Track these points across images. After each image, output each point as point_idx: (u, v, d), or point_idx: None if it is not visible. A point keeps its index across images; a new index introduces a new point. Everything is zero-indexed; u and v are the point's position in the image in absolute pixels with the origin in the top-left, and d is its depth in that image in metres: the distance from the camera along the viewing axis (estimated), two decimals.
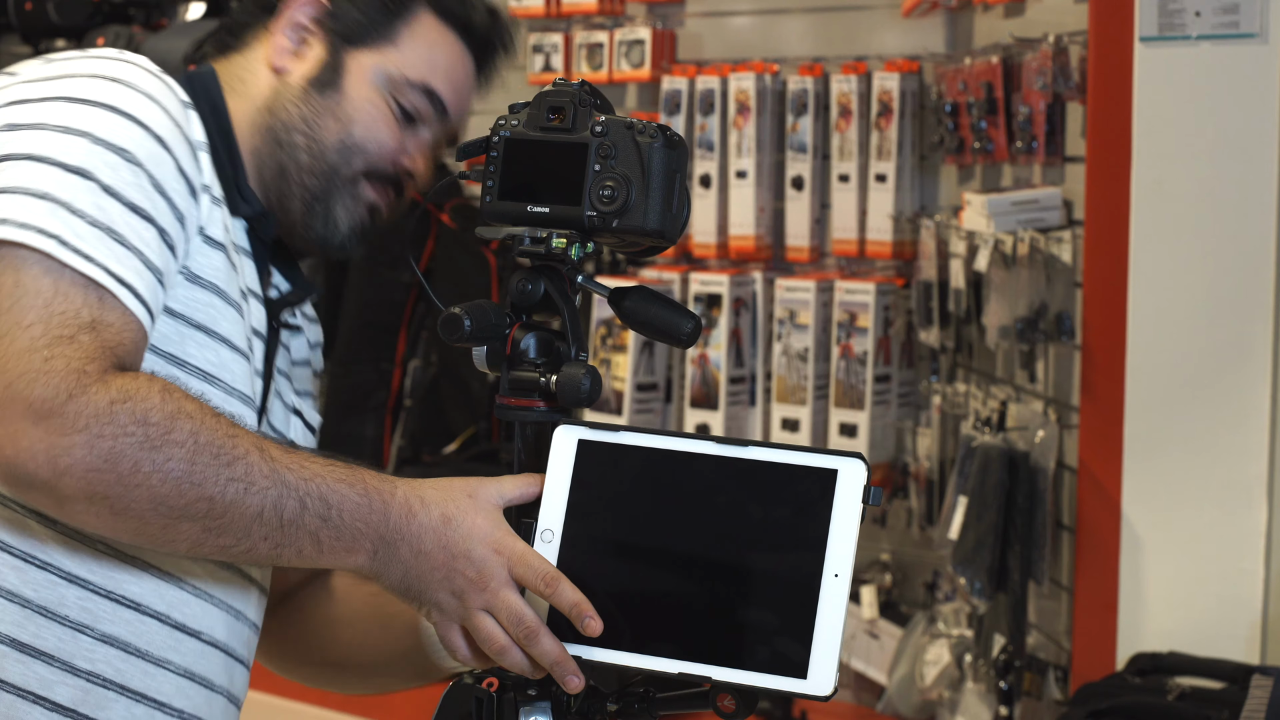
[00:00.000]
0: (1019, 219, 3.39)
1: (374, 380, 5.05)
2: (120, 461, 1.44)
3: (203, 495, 1.46)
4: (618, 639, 1.53)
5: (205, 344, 1.63)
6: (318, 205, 1.76)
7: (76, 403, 1.43)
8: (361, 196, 1.77)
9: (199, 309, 1.63)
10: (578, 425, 1.59)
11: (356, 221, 1.78)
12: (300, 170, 1.75)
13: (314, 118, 1.75)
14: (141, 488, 1.45)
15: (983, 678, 3.57)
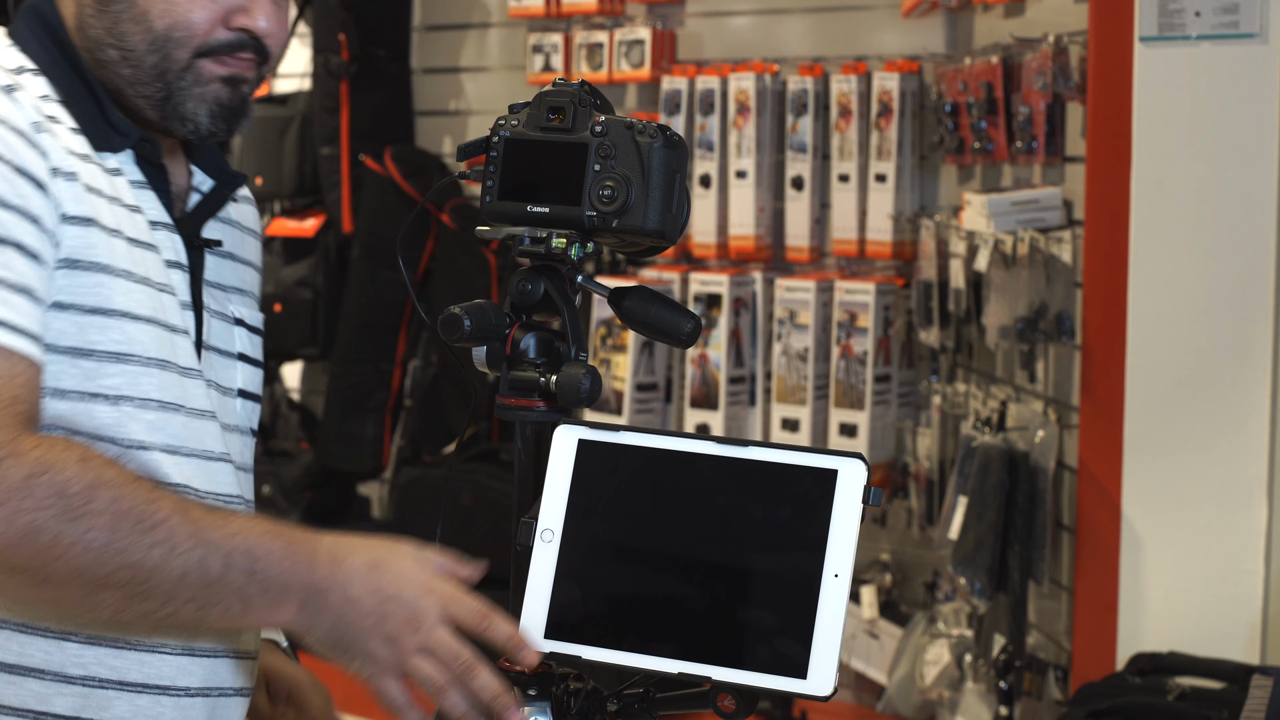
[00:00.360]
0: (1019, 219, 3.39)
1: (374, 380, 5.06)
2: (39, 535, 1.42)
3: (125, 563, 1.44)
4: (618, 639, 1.53)
5: (106, 325, 1.59)
6: (166, 107, 1.67)
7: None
8: (206, 77, 1.67)
9: (88, 293, 1.58)
10: (578, 425, 1.59)
11: (215, 104, 1.68)
12: (129, 84, 1.66)
13: (114, 26, 1.66)
14: (62, 559, 1.43)
15: (983, 678, 3.57)
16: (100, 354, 1.58)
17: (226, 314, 1.77)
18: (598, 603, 1.55)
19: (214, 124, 1.68)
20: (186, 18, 1.65)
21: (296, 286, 5.15)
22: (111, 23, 1.65)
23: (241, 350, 1.78)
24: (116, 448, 1.57)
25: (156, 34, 1.65)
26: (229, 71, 1.68)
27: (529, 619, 1.55)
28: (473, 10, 5.10)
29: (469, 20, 5.12)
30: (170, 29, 1.65)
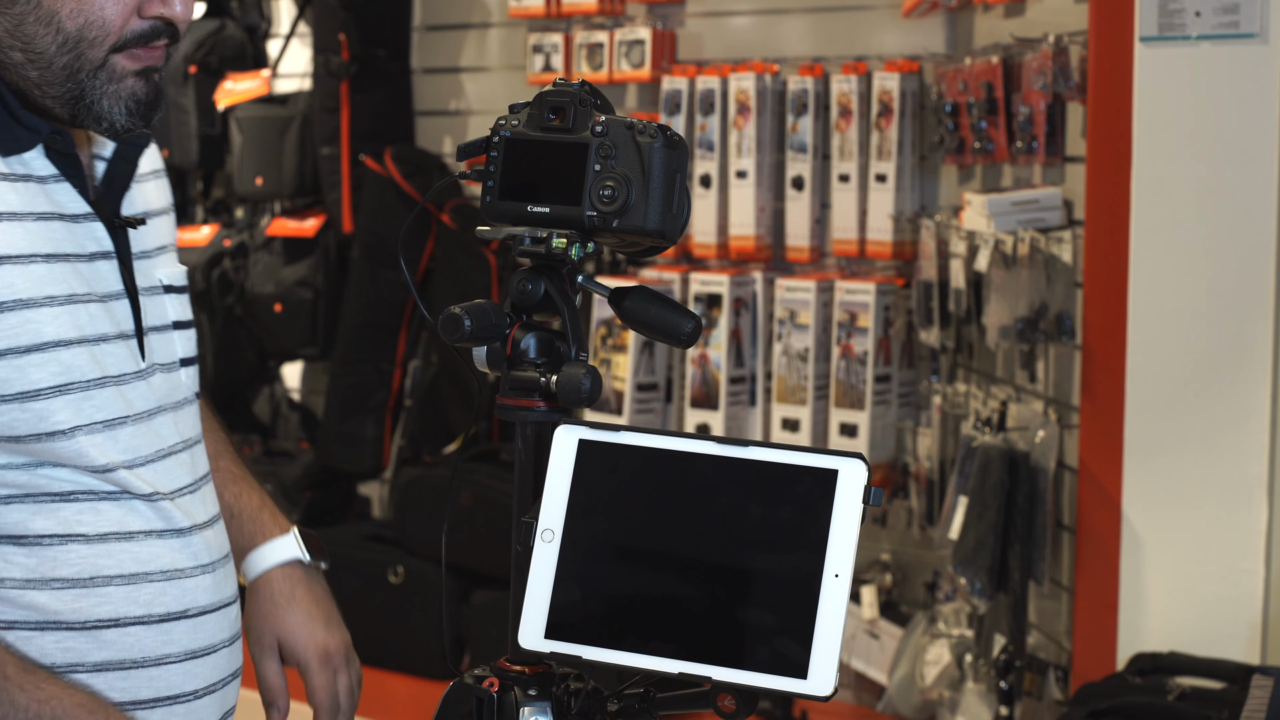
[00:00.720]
0: (1019, 219, 3.39)
1: (374, 380, 5.06)
2: None
3: None
4: (618, 639, 1.53)
5: (43, 360, 1.55)
6: (79, 107, 1.59)
7: None
8: (120, 74, 1.60)
9: (19, 332, 1.54)
10: (578, 425, 1.59)
11: (131, 100, 1.61)
12: (36, 85, 1.58)
13: (18, 29, 1.56)
14: None
15: (983, 678, 3.57)
16: (46, 391, 1.55)
17: (156, 285, 1.72)
18: (598, 603, 1.55)
19: (131, 120, 1.62)
20: (100, 15, 1.57)
21: (296, 286, 5.15)
22: (14, 25, 1.57)
23: (175, 318, 1.74)
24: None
25: (68, 34, 1.57)
26: (142, 65, 1.61)
27: (529, 619, 1.55)
28: (473, 10, 5.10)
29: (469, 20, 5.12)
30: (83, 29, 1.57)
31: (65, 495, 1.57)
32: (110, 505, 1.59)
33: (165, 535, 1.64)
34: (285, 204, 5.31)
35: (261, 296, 5.20)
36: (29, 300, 1.54)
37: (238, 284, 5.26)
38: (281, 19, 5.52)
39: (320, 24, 5.08)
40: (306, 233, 5.17)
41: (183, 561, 1.66)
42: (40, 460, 1.55)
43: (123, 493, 1.60)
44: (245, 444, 5.33)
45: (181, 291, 1.76)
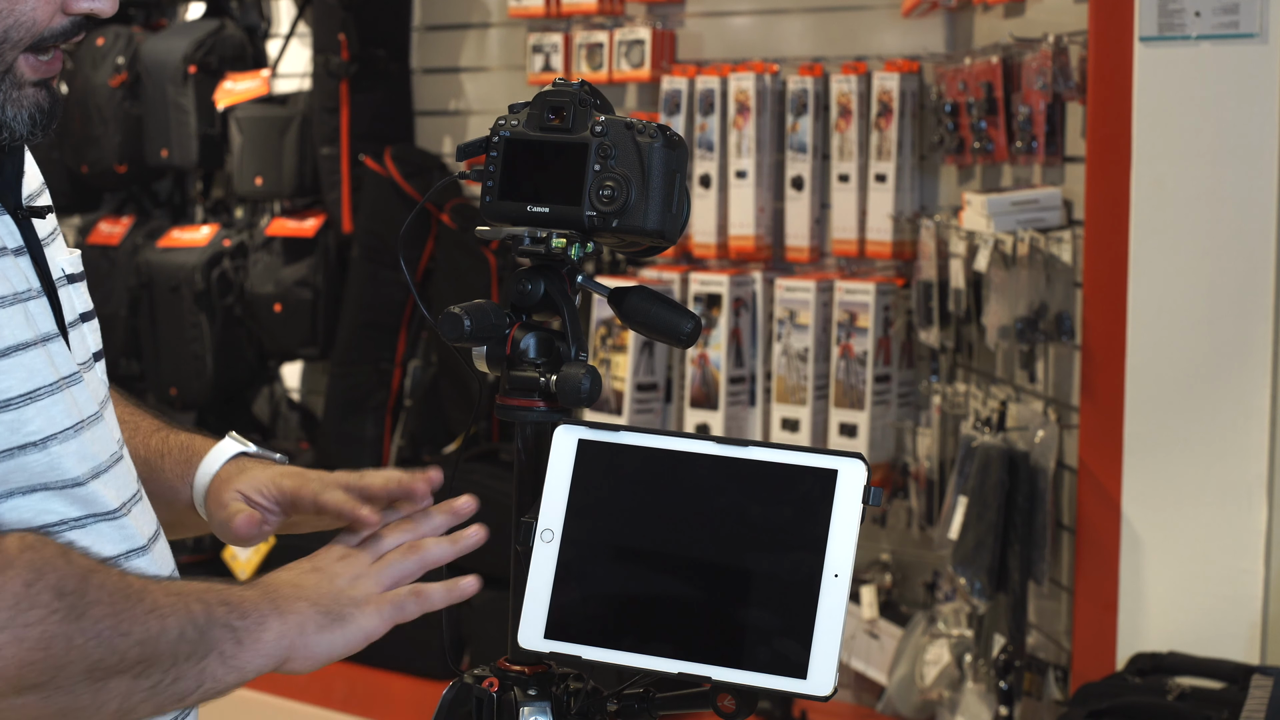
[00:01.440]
0: (1019, 219, 3.39)
1: (374, 380, 5.06)
2: (53, 643, 1.31)
3: (133, 642, 1.36)
4: (618, 639, 1.53)
5: (9, 367, 1.46)
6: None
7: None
8: (22, 80, 1.48)
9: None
10: (578, 425, 1.59)
11: (36, 109, 1.50)
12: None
13: None
14: (76, 661, 1.33)
15: (983, 678, 3.57)
16: (17, 400, 1.46)
17: (61, 276, 1.61)
18: (598, 603, 1.55)
19: (33, 131, 1.50)
20: (30, 15, 1.46)
21: (296, 286, 5.15)
22: None
23: (81, 310, 1.64)
24: None
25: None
26: (41, 76, 1.50)
27: (529, 619, 1.55)
28: (473, 10, 5.10)
29: (469, 20, 5.12)
30: (9, 30, 1.45)
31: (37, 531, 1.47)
32: (79, 533, 1.51)
33: (131, 555, 1.58)
34: (285, 204, 5.31)
35: (261, 296, 5.20)
36: None
37: (237, 284, 5.26)
38: (281, 19, 5.52)
39: (320, 24, 5.08)
40: (306, 233, 5.17)
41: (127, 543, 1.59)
42: (7, 490, 1.46)
43: (88, 516, 1.53)
44: None
45: (80, 279, 1.65)
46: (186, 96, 5.26)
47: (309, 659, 1.49)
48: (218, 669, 1.43)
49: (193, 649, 1.40)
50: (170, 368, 5.29)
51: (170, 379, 5.29)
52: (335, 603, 1.52)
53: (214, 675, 1.43)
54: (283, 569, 1.56)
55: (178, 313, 5.25)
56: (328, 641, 1.50)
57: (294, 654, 1.48)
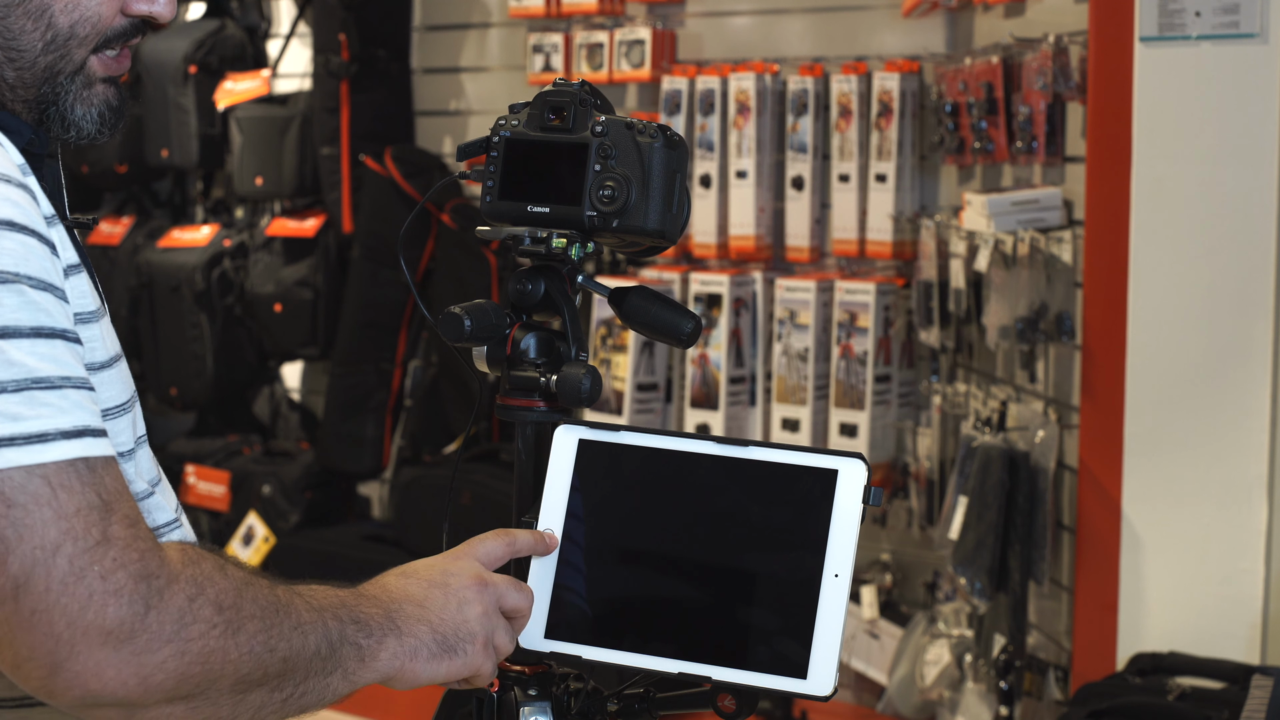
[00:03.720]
0: (1019, 219, 3.39)
1: (374, 380, 5.06)
2: (211, 658, 1.32)
3: (278, 657, 1.37)
4: (618, 639, 1.53)
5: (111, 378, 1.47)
6: (49, 112, 1.48)
7: (157, 613, 1.29)
8: (93, 78, 1.50)
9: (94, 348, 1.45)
10: (578, 425, 1.59)
11: (105, 107, 1.51)
12: (10, 87, 1.46)
13: (1, 22, 1.44)
14: (228, 675, 1.34)
15: (983, 678, 3.57)
16: (114, 410, 1.47)
17: None
18: (598, 603, 1.55)
19: (100, 129, 1.51)
20: (95, 11, 1.47)
21: (296, 286, 5.15)
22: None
23: None
24: None
25: (58, 31, 1.46)
26: (111, 73, 1.51)
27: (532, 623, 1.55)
28: (473, 10, 5.10)
29: (469, 20, 5.12)
30: (75, 25, 1.46)
31: None
32: None
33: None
34: (285, 204, 5.31)
35: (261, 296, 5.20)
36: (84, 314, 1.44)
37: (238, 284, 5.26)
38: (281, 19, 5.52)
39: (320, 24, 5.08)
40: (306, 233, 5.17)
41: None
42: None
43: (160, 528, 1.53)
44: (245, 444, 5.34)
45: None
46: (187, 96, 5.26)
47: (411, 682, 1.50)
48: (339, 684, 1.44)
49: (324, 664, 1.42)
50: (170, 368, 5.29)
51: (170, 379, 5.29)
52: (455, 634, 1.50)
53: (334, 690, 1.44)
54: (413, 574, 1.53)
55: (178, 313, 5.26)
56: (433, 670, 1.50)
57: (400, 675, 1.49)
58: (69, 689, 1.28)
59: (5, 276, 1.31)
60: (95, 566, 1.27)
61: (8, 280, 1.31)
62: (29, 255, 1.33)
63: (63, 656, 1.26)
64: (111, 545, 1.28)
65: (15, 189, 1.35)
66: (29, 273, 1.32)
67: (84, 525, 1.28)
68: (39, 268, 1.33)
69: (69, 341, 1.34)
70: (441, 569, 1.53)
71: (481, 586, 1.52)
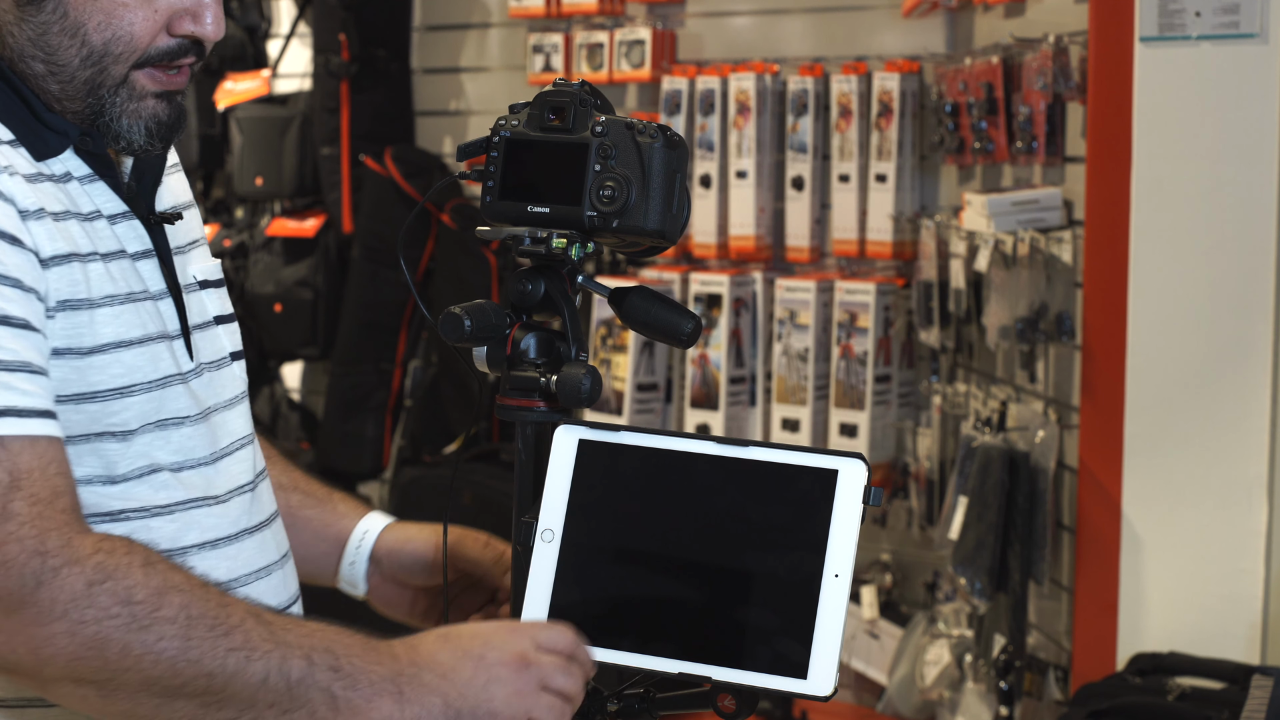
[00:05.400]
0: (1019, 219, 3.39)
1: (374, 380, 5.06)
2: (106, 646, 1.34)
3: (201, 671, 1.36)
4: (618, 639, 1.53)
5: (104, 363, 1.50)
6: (98, 123, 1.53)
7: (49, 589, 1.33)
8: (141, 92, 1.54)
9: (83, 332, 1.48)
10: (578, 425, 1.59)
11: (153, 120, 1.55)
12: (57, 99, 1.52)
13: (40, 38, 1.49)
14: (132, 670, 1.35)
15: (983, 678, 3.57)
16: (105, 393, 1.50)
17: (192, 282, 1.66)
18: (598, 603, 1.55)
19: (150, 141, 1.56)
20: (128, 30, 1.51)
21: (296, 286, 5.15)
22: (37, 33, 1.50)
23: (215, 313, 1.69)
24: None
25: (93, 48, 1.50)
26: (164, 88, 1.55)
27: (529, 619, 1.55)
28: (473, 10, 5.10)
29: (469, 20, 5.12)
30: (109, 43, 1.50)
31: (115, 514, 1.51)
32: (163, 521, 1.54)
33: (219, 544, 1.59)
34: (285, 204, 5.31)
35: (261, 296, 5.20)
36: (91, 300, 1.49)
37: (238, 284, 5.26)
38: (281, 19, 5.52)
39: (320, 24, 5.08)
40: (306, 233, 5.17)
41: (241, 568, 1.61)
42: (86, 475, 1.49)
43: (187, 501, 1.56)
44: None
45: (219, 286, 1.71)
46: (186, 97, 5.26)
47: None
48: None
49: (277, 699, 1.39)
50: None
51: None
52: (471, 712, 1.46)
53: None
54: (453, 639, 1.49)
55: None
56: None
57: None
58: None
59: None
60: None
61: None
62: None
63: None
64: (9, 519, 1.34)
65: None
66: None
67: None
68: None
69: (13, 327, 1.39)
70: (484, 640, 1.49)
71: (522, 666, 1.48)
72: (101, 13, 1.49)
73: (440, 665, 1.47)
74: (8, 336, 1.39)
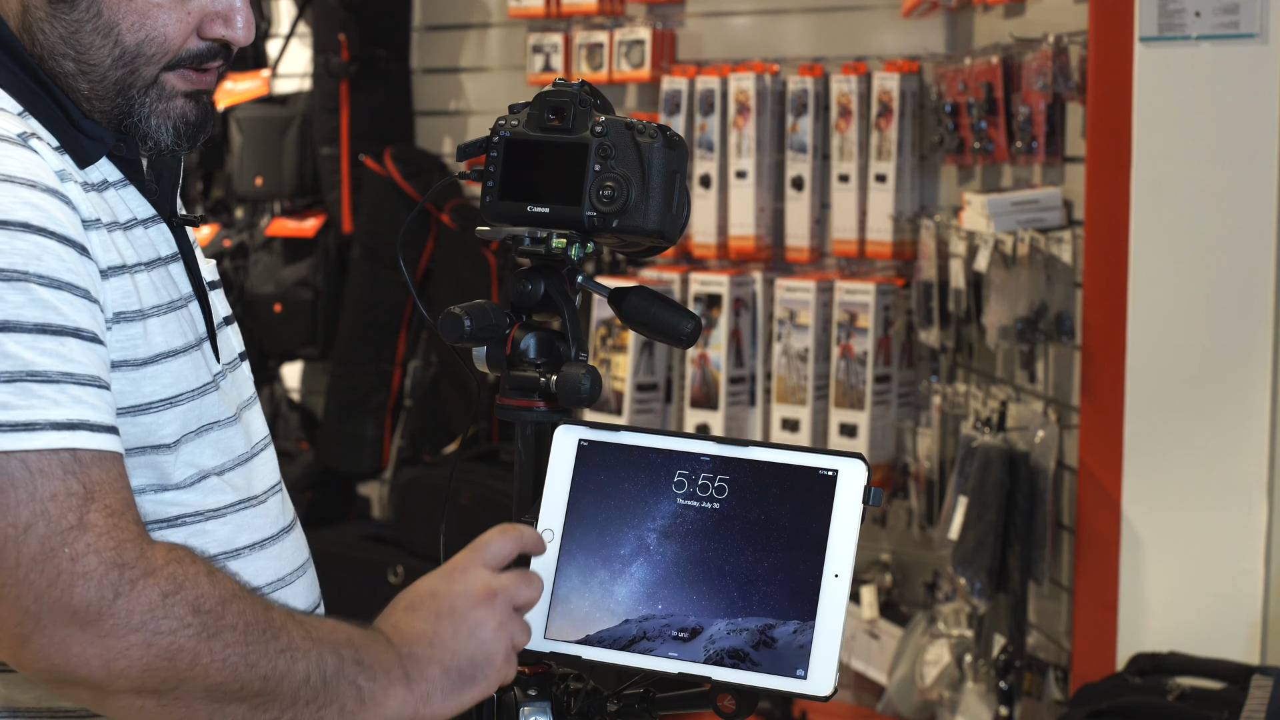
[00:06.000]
0: (1019, 219, 3.39)
1: (374, 380, 5.06)
2: (179, 656, 1.35)
3: (258, 675, 1.38)
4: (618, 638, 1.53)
5: (156, 373, 1.50)
6: (126, 124, 1.52)
7: (127, 600, 1.33)
8: (170, 93, 1.53)
9: (137, 344, 1.48)
10: (578, 425, 1.59)
11: (181, 121, 1.55)
12: (86, 98, 1.51)
13: (72, 36, 1.48)
14: (198, 679, 1.36)
15: (983, 678, 3.57)
16: (158, 404, 1.50)
17: (207, 282, 1.66)
18: (598, 602, 1.55)
19: (177, 142, 1.55)
20: (162, 32, 1.50)
21: (296, 286, 5.15)
22: (69, 31, 1.48)
23: (224, 314, 1.69)
24: None
25: (126, 48, 1.49)
26: (194, 87, 1.55)
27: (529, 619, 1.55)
28: (473, 10, 5.10)
29: (469, 20, 5.12)
30: (142, 44, 1.50)
31: (172, 520, 1.52)
32: (217, 524, 1.56)
33: (265, 544, 1.61)
34: (285, 204, 5.31)
35: (261, 296, 5.20)
36: (142, 310, 1.49)
37: (238, 284, 5.26)
38: (281, 19, 5.52)
39: (320, 24, 5.08)
40: (306, 233, 5.17)
41: (285, 567, 1.63)
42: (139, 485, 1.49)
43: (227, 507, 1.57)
44: None
45: (218, 286, 1.71)
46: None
47: (434, 718, 1.49)
48: (333, 718, 1.43)
49: (314, 695, 1.41)
50: None
51: None
52: (470, 664, 1.49)
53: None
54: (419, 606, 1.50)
55: None
56: (455, 703, 1.49)
57: (418, 716, 1.47)
58: (35, 660, 1.33)
59: (13, 275, 1.35)
60: (66, 549, 1.32)
61: (14, 279, 1.35)
62: (43, 255, 1.37)
63: (29, 629, 1.32)
64: (86, 531, 1.33)
65: (41, 194, 1.39)
66: (40, 272, 1.37)
67: (59, 510, 1.33)
68: (54, 268, 1.38)
69: (84, 340, 1.39)
70: (448, 595, 1.50)
71: (490, 599, 1.50)
72: (135, 13, 1.49)
73: (423, 635, 1.48)
74: (79, 349, 1.38)
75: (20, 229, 1.36)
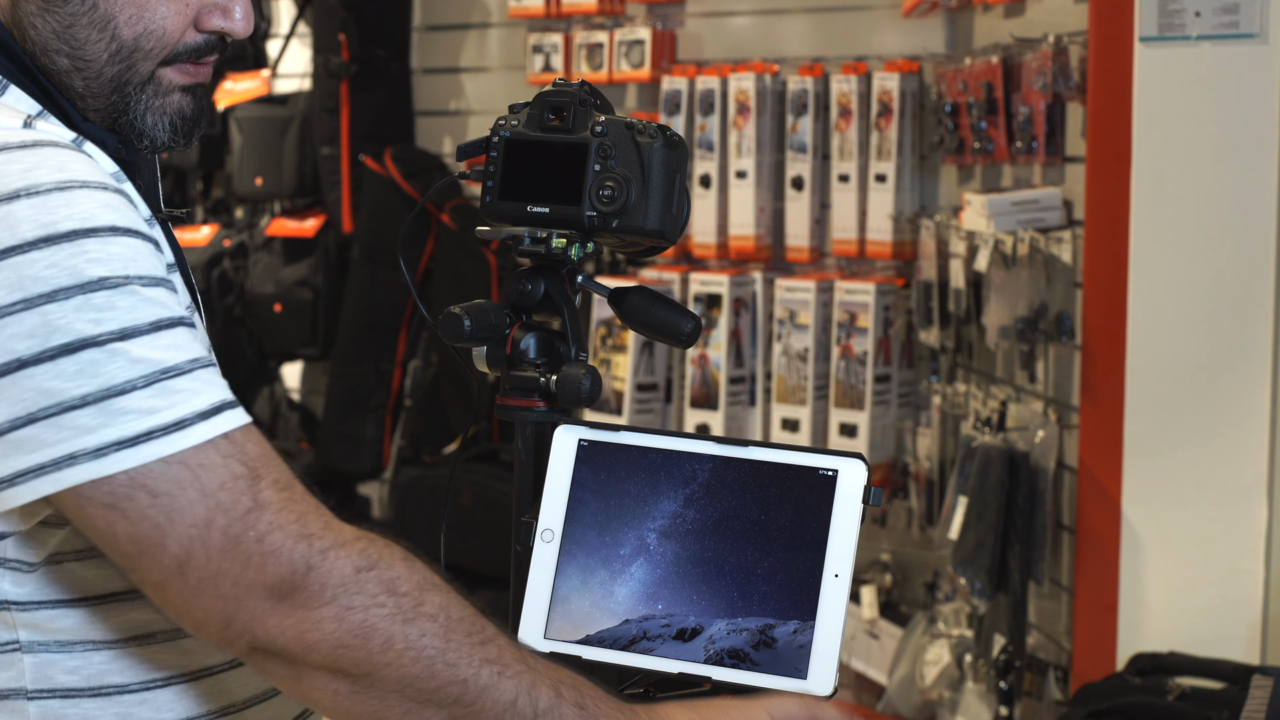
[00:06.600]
0: (1019, 219, 3.39)
1: (374, 380, 5.06)
2: (371, 636, 1.31)
3: (456, 678, 1.33)
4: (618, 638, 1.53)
5: None
6: (121, 121, 1.48)
7: (319, 572, 1.32)
8: (167, 88, 1.48)
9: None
10: (578, 425, 1.59)
11: (178, 116, 1.50)
12: (80, 95, 1.46)
13: (66, 31, 1.43)
14: (392, 666, 1.32)
15: (983, 678, 3.57)
16: None
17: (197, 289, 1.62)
18: (597, 602, 1.55)
19: (174, 138, 1.50)
20: (160, 25, 1.45)
21: (296, 286, 5.16)
22: (62, 26, 1.43)
23: None
24: None
25: (123, 43, 1.44)
26: (191, 81, 1.50)
27: (529, 619, 1.55)
28: (473, 10, 5.10)
29: (469, 20, 5.12)
30: (140, 38, 1.45)
31: None
32: None
33: None
34: (285, 204, 5.31)
35: (261, 296, 5.20)
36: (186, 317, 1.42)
37: (237, 284, 5.26)
38: (281, 19, 5.52)
39: (320, 24, 5.08)
40: (306, 233, 5.17)
41: None
42: None
43: None
44: None
45: None
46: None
47: None
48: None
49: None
50: None
51: None
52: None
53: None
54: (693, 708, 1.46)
55: None
56: None
57: None
58: (239, 637, 1.33)
59: (116, 281, 1.32)
60: (250, 532, 1.31)
61: (119, 284, 1.32)
62: (136, 256, 1.34)
63: (232, 612, 1.31)
64: (264, 510, 1.33)
65: (114, 195, 1.36)
66: (139, 272, 1.34)
67: (231, 497, 1.31)
68: (147, 265, 1.35)
69: (187, 326, 1.36)
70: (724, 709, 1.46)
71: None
72: (133, 6, 1.44)
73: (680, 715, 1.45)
74: (188, 336, 1.36)
75: (109, 233, 1.33)
